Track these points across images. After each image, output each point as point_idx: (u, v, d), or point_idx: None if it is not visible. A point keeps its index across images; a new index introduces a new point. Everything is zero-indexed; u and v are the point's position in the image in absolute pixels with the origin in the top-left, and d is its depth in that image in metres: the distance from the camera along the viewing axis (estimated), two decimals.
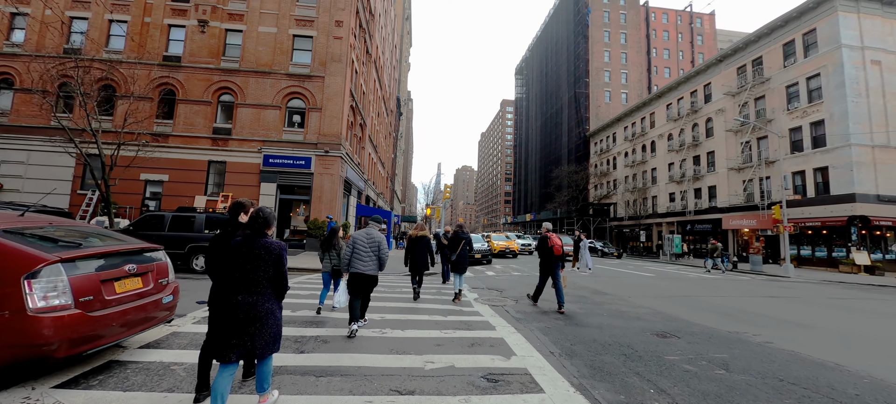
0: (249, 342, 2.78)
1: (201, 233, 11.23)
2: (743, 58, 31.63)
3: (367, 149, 29.31)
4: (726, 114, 32.65)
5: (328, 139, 19.27)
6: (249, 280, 2.83)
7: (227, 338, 2.76)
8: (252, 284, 2.84)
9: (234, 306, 2.80)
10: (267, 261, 2.89)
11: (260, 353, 2.83)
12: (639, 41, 62.56)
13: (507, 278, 13.03)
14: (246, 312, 2.78)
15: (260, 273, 2.86)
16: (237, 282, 2.85)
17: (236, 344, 2.74)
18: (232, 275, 2.87)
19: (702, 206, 34.58)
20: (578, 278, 13.66)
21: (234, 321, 2.78)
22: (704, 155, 34.88)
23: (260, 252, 2.87)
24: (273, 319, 2.90)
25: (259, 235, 2.93)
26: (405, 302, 7.84)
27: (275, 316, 2.92)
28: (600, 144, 54.53)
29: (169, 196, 18.59)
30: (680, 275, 16.59)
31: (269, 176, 18.93)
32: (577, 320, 6.68)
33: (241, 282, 2.84)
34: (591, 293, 9.82)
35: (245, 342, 2.76)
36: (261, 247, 2.88)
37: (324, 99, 19.52)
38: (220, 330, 2.83)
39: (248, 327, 2.78)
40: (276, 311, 2.96)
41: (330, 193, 18.96)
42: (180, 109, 19.24)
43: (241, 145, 19.17)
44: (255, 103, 19.42)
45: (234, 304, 2.80)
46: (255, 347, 2.80)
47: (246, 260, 2.84)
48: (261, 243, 2.89)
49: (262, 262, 2.87)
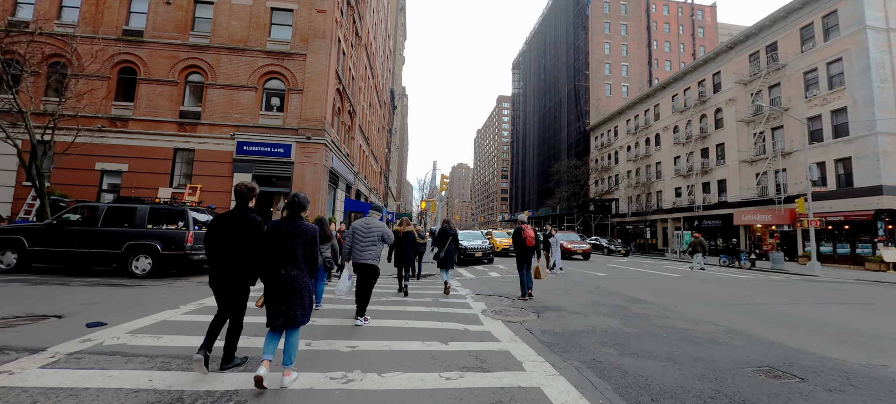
0: (290, 310, 3.20)
1: (143, 229, 9.13)
2: (756, 44, 29.93)
3: (358, 140, 27.21)
4: (737, 103, 30.98)
5: (310, 124, 17.16)
6: (290, 257, 3.25)
7: (272, 307, 3.20)
8: (292, 260, 3.26)
9: (277, 279, 3.20)
10: (304, 240, 3.33)
11: (299, 321, 3.26)
12: (639, 33, 60.91)
13: (516, 280, 11.08)
14: (289, 284, 3.20)
15: (298, 251, 3.29)
16: (279, 258, 3.24)
17: (282, 312, 3.18)
18: (274, 252, 3.25)
19: (710, 201, 32.93)
20: (598, 280, 11.74)
21: (278, 291, 3.19)
22: (713, 147, 33.21)
23: (298, 232, 3.31)
24: (308, 291, 3.34)
25: (295, 217, 3.38)
26: (396, 304, 5.83)
27: (309, 289, 3.36)
28: (601, 139, 52.82)
29: (129, 188, 16.39)
30: (708, 275, 14.76)
31: (243, 165, 16.79)
32: (631, 345, 4.73)
33: (282, 259, 3.23)
34: (625, 301, 7.89)
35: (287, 311, 3.18)
36: (298, 228, 3.32)
37: (305, 79, 17.39)
38: (267, 301, 3.25)
39: (290, 297, 3.21)
40: (310, 285, 3.38)
41: (313, 185, 16.87)
42: (142, 90, 17.01)
43: (211, 131, 17.00)
44: (228, 84, 17.24)
45: (277, 278, 3.20)
46: (295, 315, 3.23)
47: (286, 239, 3.26)
48: (298, 224, 3.34)
49: (299, 241, 3.30)
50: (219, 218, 3.42)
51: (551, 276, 12.45)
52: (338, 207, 21.05)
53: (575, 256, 21.69)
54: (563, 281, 11.27)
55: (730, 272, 17.88)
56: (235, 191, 3.47)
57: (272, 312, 3.17)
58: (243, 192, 3.47)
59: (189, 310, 5.75)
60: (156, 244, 9.02)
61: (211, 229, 3.40)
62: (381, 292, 8.03)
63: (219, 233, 3.34)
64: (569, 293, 8.78)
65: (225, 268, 3.32)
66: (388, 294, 8.09)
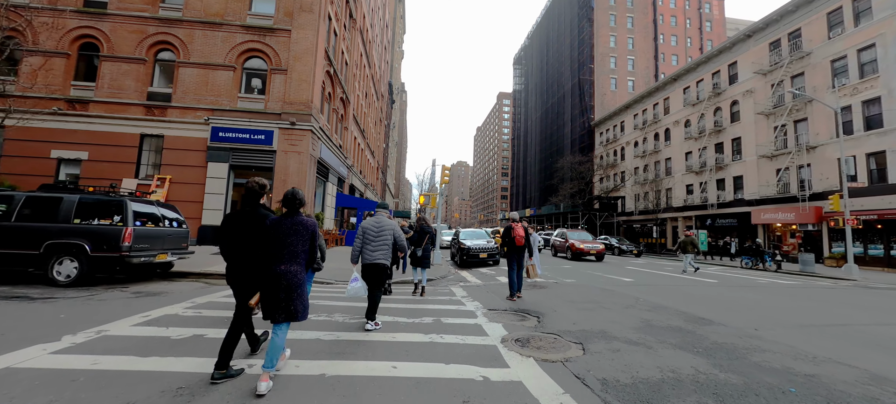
0: (291, 306, 3.19)
1: (69, 225, 7.24)
2: (777, 31, 28.09)
3: (352, 131, 25.30)
4: (756, 95, 29.15)
5: (295, 108, 15.27)
6: (290, 253, 3.24)
7: (274, 304, 3.17)
8: (292, 256, 3.24)
9: (277, 276, 3.18)
10: (304, 236, 3.31)
11: (300, 316, 3.24)
12: (646, 26, 59.04)
13: (538, 289, 9.23)
14: (289, 281, 3.20)
15: (299, 246, 3.28)
16: (278, 255, 3.21)
17: (283, 307, 3.16)
18: (274, 248, 3.22)
19: (725, 199, 31.12)
20: (627, 287, 9.91)
21: (278, 288, 3.17)
22: (729, 142, 31.39)
23: (298, 227, 3.29)
24: (304, 288, 3.32)
25: (294, 213, 3.35)
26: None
27: (305, 286, 3.34)
28: (607, 134, 50.97)
29: (89, 178, 14.49)
30: (749, 281, 12.94)
31: (218, 154, 14.90)
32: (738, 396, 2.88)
33: (282, 255, 3.21)
34: (686, 321, 6.04)
35: (288, 306, 3.17)
36: (298, 224, 3.30)
37: (290, 58, 15.49)
38: (266, 297, 3.20)
39: (291, 293, 3.19)
40: (306, 281, 3.38)
41: (297, 176, 14.99)
42: (105, 69, 15.09)
43: (183, 115, 15.10)
44: (203, 62, 15.34)
45: (277, 274, 3.18)
46: (297, 310, 3.22)
47: (287, 235, 3.24)
48: (298, 220, 3.32)
49: (299, 237, 3.29)
50: (231, 216, 3.41)
51: (571, 283, 10.60)
52: (328, 202, 19.17)
53: (587, 257, 19.87)
54: (591, 289, 9.43)
55: (764, 276, 16.05)
56: (246, 188, 3.45)
57: (271, 308, 3.18)
58: (255, 189, 3.44)
59: (67, 347, 3.86)
60: (83, 243, 7.15)
61: (224, 227, 3.40)
62: (360, 308, 6.17)
63: (232, 230, 3.35)
64: (606, 307, 6.94)
65: (242, 266, 3.34)
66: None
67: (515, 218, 8.15)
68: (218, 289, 7.80)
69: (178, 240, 8.77)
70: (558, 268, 14.88)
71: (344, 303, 6.63)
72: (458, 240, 15.70)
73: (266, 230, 3.26)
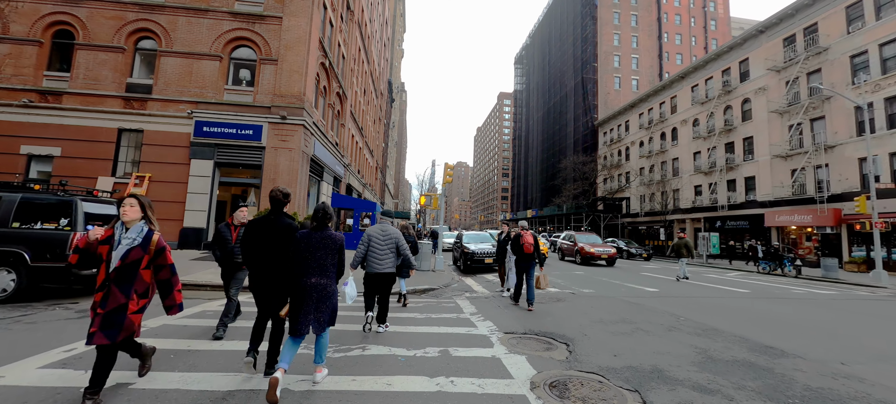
0: (321, 317, 3.30)
1: (7, 229, 6.11)
2: (791, 26, 27.02)
3: (349, 128, 24.18)
4: (769, 92, 28.08)
5: (286, 101, 14.14)
6: (320, 266, 3.32)
7: (300, 315, 3.24)
8: (322, 270, 3.33)
9: (307, 288, 3.26)
10: (333, 250, 3.41)
11: (327, 324, 3.38)
12: (650, 24, 58.04)
13: (554, 302, 8.12)
14: (320, 293, 3.30)
15: (328, 259, 3.37)
16: (306, 268, 3.30)
17: (314, 319, 3.26)
18: (303, 261, 3.30)
19: (736, 200, 30.03)
20: (656, 301, 8.79)
21: (309, 300, 3.25)
22: (740, 141, 30.30)
23: (327, 241, 3.38)
24: (335, 298, 3.45)
25: (323, 227, 3.42)
26: None
27: (336, 296, 3.48)
28: (611, 134, 49.89)
29: (62, 176, 13.34)
30: (782, 291, 11.82)
31: (202, 150, 13.76)
32: None
33: (310, 268, 3.30)
34: (751, 351, 4.91)
35: (317, 317, 3.28)
36: (328, 238, 3.40)
37: (281, 47, 14.37)
38: (295, 307, 3.26)
39: (321, 305, 3.30)
40: (335, 293, 3.49)
41: (288, 174, 13.86)
42: (81, 58, 13.95)
43: (164, 107, 13.95)
44: (187, 51, 14.20)
45: (308, 287, 3.26)
46: (324, 320, 3.33)
47: (317, 248, 3.32)
48: (327, 234, 3.41)
49: (329, 251, 3.38)
50: (254, 223, 3.42)
51: (590, 294, 9.48)
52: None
53: (597, 262, 18.77)
54: (616, 303, 8.31)
55: (790, 283, 14.94)
56: (271, 197, 3.48)
57: (300, 320, 3.22)
58: (279, 198, 3.47)
59: None
60: (22, 251, 6.02)
61: (247, 235, 3.39)
62: (343, 332, 5.04)
63: (256, 238, 3.35)
64: (645, 330, 5.81)
65: (265, 273, 3.32)
66: (352, 333, 5.14)
67: (525, 226, 7.90)
68: (191, 302, 6.67)
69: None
70: (570, 275, 13.76)
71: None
72: (461, 243, 14.58)
73: (296, 241, 3.33)
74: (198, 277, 8.81)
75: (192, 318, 5.68)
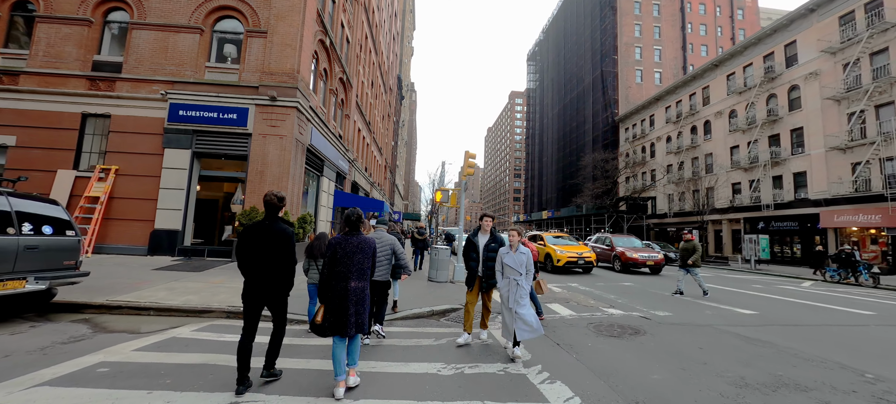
0: (360, 319, 3.38)
1: None
2: (849, 2, 23.97)
3: (355, 121, 22.00)
4: (823, 77, 25.00)
5: (276, 79, 11.96)
6: (358, 270, 3.43)
7: (339, 319, 3.31)
8: (360, 273, 3.44)
9: (346, 292, 3.34)
10: (368, 254, 3.53)
11: (367, 327, 3.48)
12: (673, 14, 54.84)
13: (633, 336, 5.70)
14: (358, 295, 3.39)
15: (365, 263, 3.49)
16: (346, 272, 3.38)
17: (354, 322, 3.32)
18: (342, 266, 3.39)
19: (783, 199, 26.93)
20: (780, 334, 6.27)
21: (347, 303, 3.33)
22: (787, 132, 27.22)
23: (363, 246, 3.50)
24: (369, 301, 3.55)
25: (356, 231, 3.55)
26: None
27: (369, 301, 3.57)
28: (633, 129, 46.90)
29: (17, 169, 11.39)
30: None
31: (178, 137, 11.64)
32: None
33: (350, 273, 3.39)
34: None
35: (358, 320, 3.35)
36: (363, 242, 3.51)
37: (271, 17, 12.20)
38: (336, 311, 3.31)
39: (359, 307, 3.38)
40: (369, 297, 3.59)
41: (278, 166, 11.65)
42: (42, 32, 12.00)
43: (136, 88, 11.90)
44: (162, 23, 12.14)
45: (347, 291, 3.34)
46: (364, 322, 3.42)
47: (355, 253, 3.42)
48: (362, 239, 3.52)
49: (365, 255, 3.50)
50: (249, 229, 3.37)
51: (670, 319, 6.98)
52: (323, 201, 15.81)
53: (641, 270, 16.15)
54: (725, 337, 5.84)
55: (881, 295, 12.10)
56: (265, 202, 3.46)
57: (343, 321, 3.28)
58: (274, 202, 3.44)
59: None
60: None
61: (242, 241, 3.36)
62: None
63: (252, 245, 3.32)
64: None
65: (263, 281, 3.30)
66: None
67: (525, 232, 5.86)
68: (104, 341, 4.42)
69: (53, 254, 5.44)
70: (619, 287, 11.23)
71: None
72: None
73: (330, 247, 3.42)
74: (139, 298, 6.58)
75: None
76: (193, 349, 4.38)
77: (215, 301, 6.54)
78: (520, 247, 4.68)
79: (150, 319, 5.83)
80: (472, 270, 5.18)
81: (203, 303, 6.33)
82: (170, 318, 5.89)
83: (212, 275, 8.80)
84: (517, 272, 4.54)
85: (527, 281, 4.56)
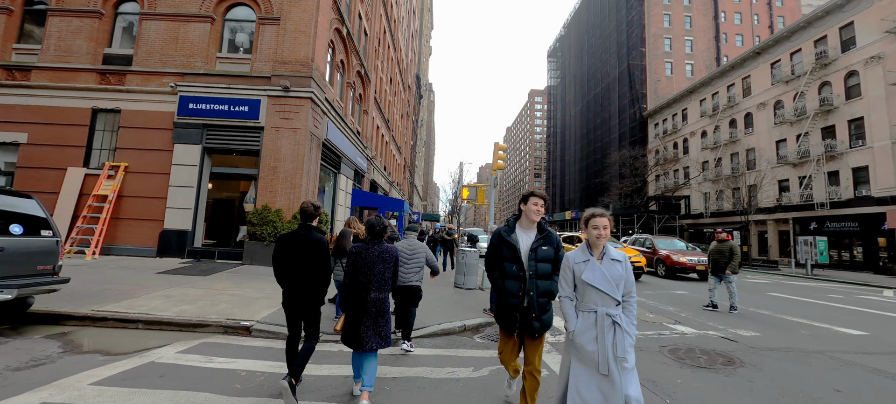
0: (382, 331, 3.19)
1: None
2: None
3: (373, 116, 21.18)
4: (887, 61, 22.48)
5: (290, 69, 11.14)
6: (379, 280, 3.22)
7: (360, 331, 3.12)
8: (381, 284, 3.24)
9: (368, 303, 3.16)
10: (390, 263, 3.29)
11: (389, 341, 3.25)
12: (705, 2, 51.85)
13: (726, 367, 4.40)
14: (378, 307, 3.19)
15: (386, 273, 3.27)
16: (367, 283, 3.19)
17: (373, 335, 3.12)
18: (364, 276, 3.20)
19: (840, 197, 24.41)
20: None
21: (368, 315, 3.14)
22: (843, 124, 24.69)
23: (385, 255, 3.26)
24: (390, 313, 3.36)
25: (379, 239, 3.32)
26: None
27: (390, 311, 3.41)
28: (664, 124, 44.45)
29: (28, 167, 11.02)
30: None
31: (188, 132, 10.98)
32: None
33: (371, 283, 3.20)
34: None
35: (378, 333, 3.15)
36: (385, 251, 3.28)
37: (284, 1, 11.41)
38: (357, 323, 3.16)
39: (379, 319, 3.19)
40: (390, 306, 3.47)
41: (292, 162, 10.81)
42: (54, 26, 11.61)
43: (145, 81, 11.33)
44: (172, 13, 11.54)
45: (369, 302, 3.16)
46: (387, 335, 3.22)
47: (376, 262, 3.21)
48: (384, 247, 3.29)
49: (386, 264, 3.27)
50: (284, 238, 3.34)
51: (766, 342, 5.61)
52: (340, 200, 14.96)
53: (689, 275, 14.55)
54: (835, 367, 4.48)
55: None
56: (301, 210, 3.44)
57: (362, 335, 3.11)
58: (309, 211, 3.42)
59: None
60: None
61: (277, 251, 3.33)
62: None
63: (286, 254, 3.29)
64: None
65: (297, 290, 3.27)
66: None
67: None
68: (65, 367, 3.52)
69: (23, 258, 4.63)
70: (669, 295, 9.82)
71: None
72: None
73: (351, 256, 3.27)
74: (138, 306, 5.73)
75: None
76: (169, 383, 3.41)
77: (213, 312, 5.63)
78: (610, 250, 2.50)
79: (135, 334, 4.95)
80: (508, 299, 2.84)
81: (199, 315, 5.42)
82: (158, 333, 5.01)
83: (216, 281, 7.97)
84: (611, 299, 2.39)
85: (629, 315, 2.43)
